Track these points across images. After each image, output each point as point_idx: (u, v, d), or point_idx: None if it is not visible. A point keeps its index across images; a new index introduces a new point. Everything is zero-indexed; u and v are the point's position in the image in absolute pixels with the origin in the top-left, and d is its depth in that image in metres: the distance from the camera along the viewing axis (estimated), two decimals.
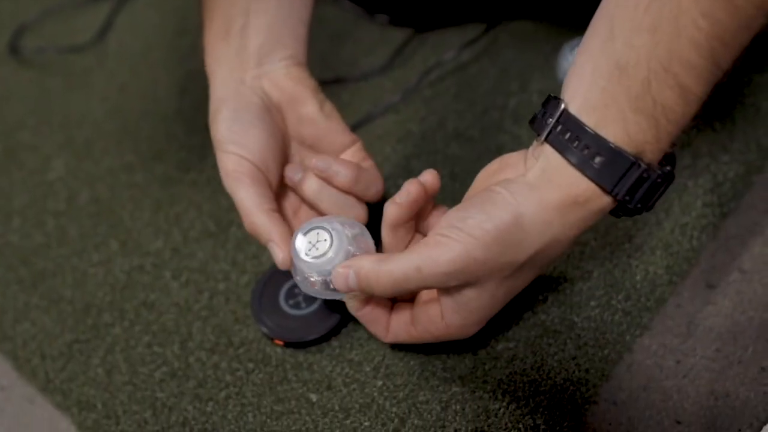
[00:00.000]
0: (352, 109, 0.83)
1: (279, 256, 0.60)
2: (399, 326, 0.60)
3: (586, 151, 0.51)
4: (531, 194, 0.52)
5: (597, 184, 0.51)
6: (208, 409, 0.64)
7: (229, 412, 0.64)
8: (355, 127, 0.81)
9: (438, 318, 0.57)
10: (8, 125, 0.89)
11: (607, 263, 0.67)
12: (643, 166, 0.51)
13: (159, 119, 0.86)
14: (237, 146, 0.62)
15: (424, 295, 0.60)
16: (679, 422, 0.61)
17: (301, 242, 0.58)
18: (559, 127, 0.52)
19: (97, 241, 0.77)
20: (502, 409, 0.61)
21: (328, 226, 0.58)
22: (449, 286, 0.54)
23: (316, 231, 0.58)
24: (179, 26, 0.97)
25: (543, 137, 0.53)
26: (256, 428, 0.63)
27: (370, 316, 0.60)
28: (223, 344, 0.68)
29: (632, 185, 0.51)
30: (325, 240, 0.58)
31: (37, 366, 0.69)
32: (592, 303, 0.65)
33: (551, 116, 0.52)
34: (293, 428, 0.62)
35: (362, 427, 0.61)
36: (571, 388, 0.62)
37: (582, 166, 0.51)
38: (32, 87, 0.93)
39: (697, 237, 0.68)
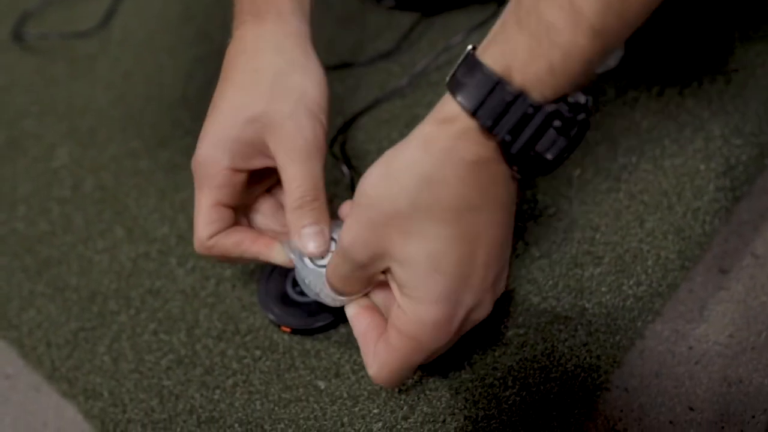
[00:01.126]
0: (359, 94, 0.82)
1: (321, 242, 0.59)
2: (379, 344, 0.55)
3: (456, 72, 0.47)
4: (402, 141, 0.50)
5: (456, 100, 0.47)
6: (216, 396, 0.64)
7: (237, 399, 0.63)
8: (361, 113, 0.80)
9: (395, 308, 0.53)
10: (12, 113, 0.89)
11: (618, 248, 0.66)
12: (508, 87, 0.45)
13: (164, 106, 0.86)
14: (325, 120, 0.60)
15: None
16: (691, 409, 0.60)
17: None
18: (460, 70, 0.48)
19: (102, 229, 0.76)
20: (512, 396, 0.60)
21: (334, 235, 0.59)
22: (371, 265, 0.52)
23: None
24: (184, 12, 0.96)
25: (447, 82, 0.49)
26: (264, 416, 0.62)
27: (361, 330, 0.56)
28: (230, 331, 0.67)
29: (495, 109, 0.46)
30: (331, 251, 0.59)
31: (42, 354, 0.69)
32: (603, 289, 0.64)
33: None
34: (301, 416, 0.62)
35: (371, 414, 0.61)
36: (583, 374, 0.61)
37: (450, 87, 0.48)
38: (36, 74, 0.92)
39: (709, 221, 0.67)
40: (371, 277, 0.55)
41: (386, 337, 0.54)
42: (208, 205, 0.60)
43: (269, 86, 0.59)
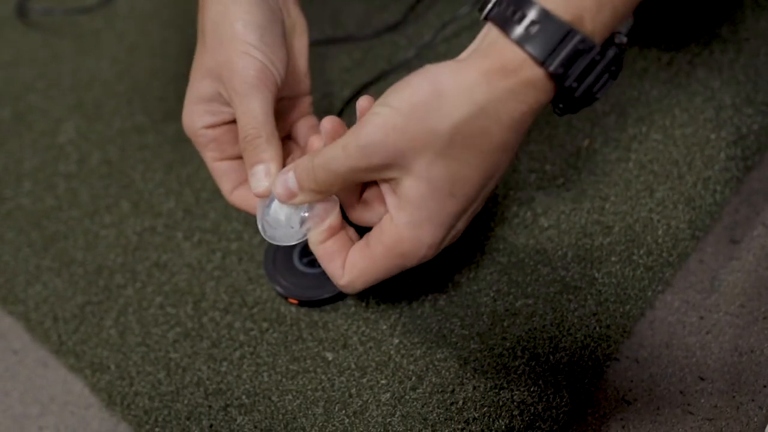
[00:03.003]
0: (366, 67, 0.82)
1: (265, 181, 0.57)
2: (354, 253, 0.54)
3: (522, 21, 0.47)
4: (456, 65, 0.48)
5: (525, 50, 0.46)
6: (223, 369, 0.63)
7: (244, 371, 0.63)
8: (368, 85, 0.80)
9: (387, 222, 0.52)
10: (18, 88, 0.88)
11: (627, 218, 0.65)
12: (579, 36, 0.46)
13: (170, 79, 0.85)
14: (265, 58, 0.58)
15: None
16: (702, 378, 0.60)
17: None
18: (503, 4, 0.48)
19: (108, 203, 0.76)
20: (521, 366, 0.60)
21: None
22: (380, 171, 0.50)
23: None
24: None
25: (485, 14, 0.49)
26: (272, 387, 0.62)
27: (330, 250, 0.55)
28: (237, 304, 0.67)
29: (568, 58, 0.46)
30: None
31: (49, 328, 0.68)
32: (613, 258, 0.64)
33: None
34: (309, 387, 0.61)
35: (379, 385, 0.61)
36: (592, 344, 0.60)
37: (512, 33, 0.47)
38: (41, 50, 0.92)
39: (720, 191, 0.66)
40: (359, 184, 0.54)
41: (368, 250, 0.53)
42: (210, 164, 0.62)
43: (209, 40, 0.59)
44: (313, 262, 0.65)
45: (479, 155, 0.49)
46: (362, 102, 0.55)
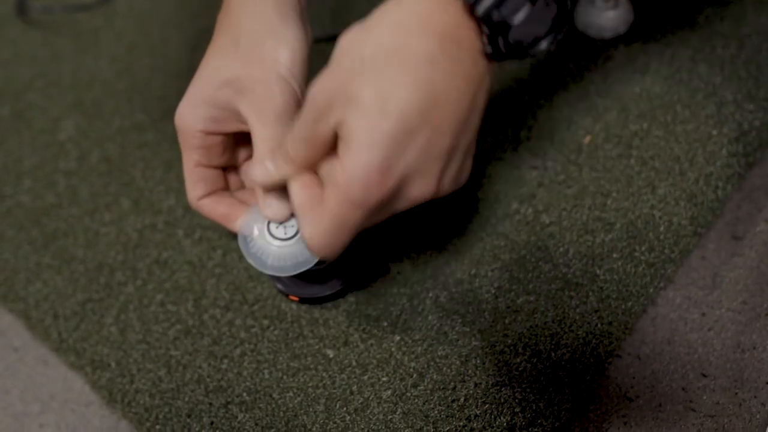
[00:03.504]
0: None
1: (283, 206, 0.58)
2: (316, 207, 0.52)
3: None
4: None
5: None
6: (223, 366, 0.63)
7: (245, 369, 0.63)
8: None
9: (338, 166, 0.50)
10: (17, 87, 0.88)
11: (629, 214, 0.65)
12: None
13: (169, 77, 0.85)
14: (299, 90, 0.58)
15: None
16: (704, 375, 0.59)
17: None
18: None
19: (108, 201, 0.75)
20: (523, 363, 0.60)
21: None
22: (327, 115, 0.49)
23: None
24: None
25: None
26: (272, 385, 0.62)
27: (304, 204, 0.53)
28: (238, 301, 0.66)
29: None
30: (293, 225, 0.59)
31: (49, 326, 0.68)
32: (615, 255, 0.64)
33: None
34: (310, 384, 0.61)
35: (380, 382, 0.60)
36: (594, 341, 0.60)
37: None
38: (40, 48, 0.92)
39: (722, 187, 0.66)
40: (323, 140, 0.51)
41: (323, 197, 0.51)
42: (190, 166, 0.61)
43: (244, 51, 0.58)
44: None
45: (400, 68, 0.47)
46: None
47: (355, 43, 0.48)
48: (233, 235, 0.71)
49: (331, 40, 0.79)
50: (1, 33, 0.94)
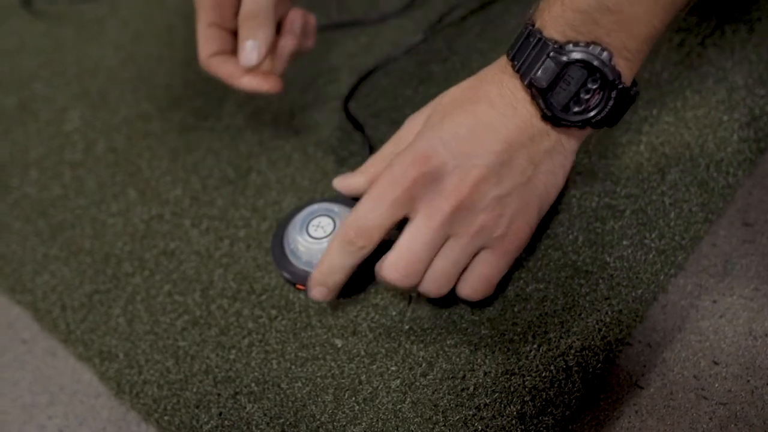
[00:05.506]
0: (372, 52, 0.81)
1: (253, 55, 0.63)
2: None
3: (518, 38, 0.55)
4: None
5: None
6: (231, 356, 0.63)
7: (253, 359, 0.63)
8: (375, 70, 0.79)
9: None
10: (22, 77, 0.88)
11: (639, 201, 0.65)
12: (530, 28, 0.54)
13: (175, 66, 0.85)
14: None
15: None
16: (716, 363, 0.59)
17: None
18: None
19: (115, 191, 0.75)
20: (533, 352, 0.59)
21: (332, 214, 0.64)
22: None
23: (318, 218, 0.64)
24: None
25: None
26: (281, 375, 0.61)
27: None
28: (245, 291, 0.66)
29: (521, 48, 0.54)
30: (329, 224, 0.63)
31: (57, 317, 0.68)
32: (625, 242, 0.63)
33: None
34: (318, 374, 0.61)
35: (389, 371, 0.60)
36: (604, 329, 0.60)
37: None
38: (45, 38, 0.91)
39: (733, 173, 0.65)
40: None
41: None
42: (203, 25, 0.66)
43: None
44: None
45: (426, 111, 0.60)
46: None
47: (439, 97, 0.59)
48: (240, 225, 0.70)
49: (336, 27, 0.80)
50: (6, 24, 0.94)
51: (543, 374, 0.58)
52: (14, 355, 0.68)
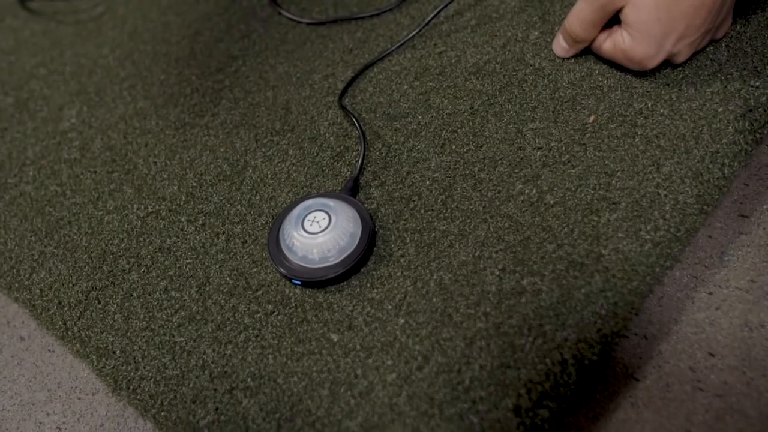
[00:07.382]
0: (368, 46, 0.81)
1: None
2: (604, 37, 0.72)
3: None
4: None
5: None
6: (228, 351, 0.63)
7: (249, 354, 0.63)
8: (371, 64, 0.79)
9: (620, 39, 0.69)
10: (20, 76, 0.88)
11: (634, 193, 0.64)
12: None
13: (171, 64, 0.85)
14: None
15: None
16: (712, 354, 0.59)
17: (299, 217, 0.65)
18: None
19: (111, 188, 0.75)
20: (528, 345, 0.59)
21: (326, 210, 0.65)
22: (609, 5, 0.67)
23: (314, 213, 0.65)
24: None
25: None
26: (277, 370, 0.61)
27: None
28: (241, 287, 0.66)
29: None
30: (324, 219, 0.64)
31: (54, 314, 0.68)
32: (620, 234, 0.63)
33: None
34: (314, 368, 0.61)
35: (385, 365, 0.60)
36: (600, 322, 0.60)
37: None
38: (42, 37, 0.91)
39: (728, 165, 0.65)
40: (603, 20, 0.70)
41: (611, 42, 0.71)
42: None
43: None
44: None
45: None
46: None
47: None
48: (236, 221, 0.70)
49: (332, 23, 0.79)
50: (3, 22, 0.94)
51: (538, 367, 0.58)
52: (12, 353, 0.68)
